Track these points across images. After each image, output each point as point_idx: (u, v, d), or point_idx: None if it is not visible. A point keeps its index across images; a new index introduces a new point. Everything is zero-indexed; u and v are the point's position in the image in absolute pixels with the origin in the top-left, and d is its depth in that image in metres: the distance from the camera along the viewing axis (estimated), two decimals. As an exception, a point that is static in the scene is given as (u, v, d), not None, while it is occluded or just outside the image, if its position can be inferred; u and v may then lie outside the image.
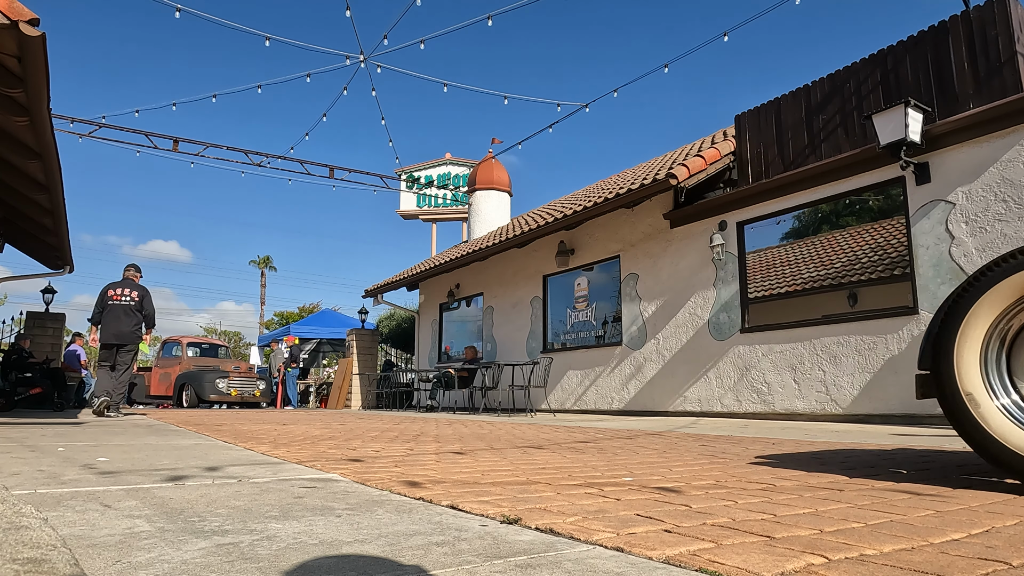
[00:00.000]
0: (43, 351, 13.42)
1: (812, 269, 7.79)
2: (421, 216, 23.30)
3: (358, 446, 3.57)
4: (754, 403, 8.06)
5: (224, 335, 52.88)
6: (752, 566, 1.09)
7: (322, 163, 17.06)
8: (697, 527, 1.41)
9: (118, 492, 1.87)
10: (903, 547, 1.25)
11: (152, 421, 6.78)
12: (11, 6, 4.02)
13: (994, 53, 6.44)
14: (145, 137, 15.29)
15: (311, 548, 1.22)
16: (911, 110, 6.50)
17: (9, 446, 3.43)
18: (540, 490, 1.95)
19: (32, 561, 1.09)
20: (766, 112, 8.54)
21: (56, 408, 10.56)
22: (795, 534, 1.35)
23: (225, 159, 16.46)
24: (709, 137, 11.00)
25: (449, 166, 23.41)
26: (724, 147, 8.97)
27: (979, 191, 6.35)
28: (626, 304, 9.96)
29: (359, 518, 1.52)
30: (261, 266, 45.80)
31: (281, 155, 16.46)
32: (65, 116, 14.33)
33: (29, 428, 5.18)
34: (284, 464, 2.67)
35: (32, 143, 5.93)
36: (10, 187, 7.33)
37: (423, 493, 1.87)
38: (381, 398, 15.51)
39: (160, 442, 3.84)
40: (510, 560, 1.14)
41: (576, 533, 1.34)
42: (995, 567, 1.11)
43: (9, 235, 10.26)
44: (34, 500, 1.71)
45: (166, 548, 1.21)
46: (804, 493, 1.95)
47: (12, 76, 4.76)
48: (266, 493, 1.89)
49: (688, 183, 8.36)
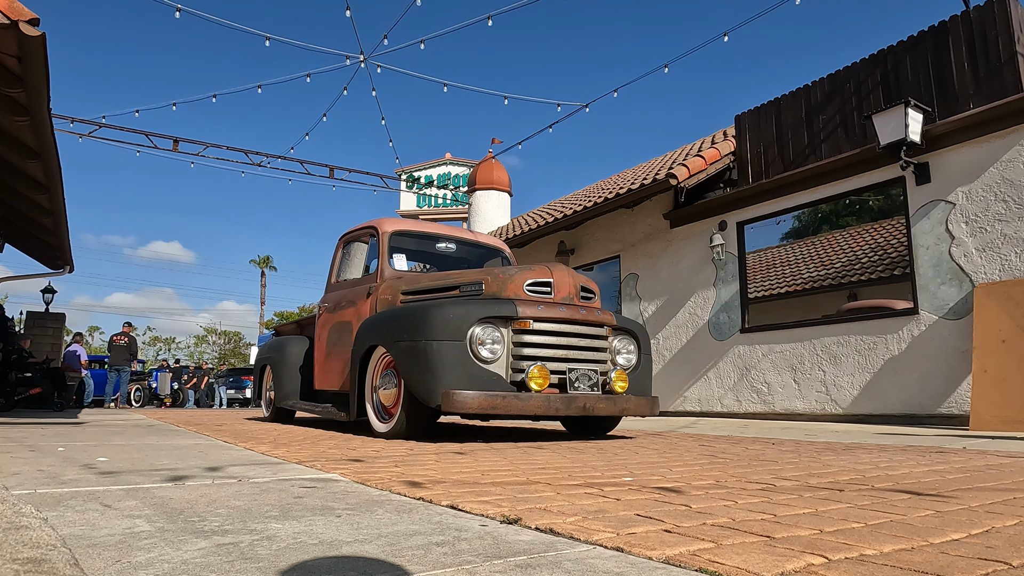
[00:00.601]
0: (43, 351, 13.43)
1: (812, 269, 7.80)
2: (421, 216, 23.31)
3: (358, 446, 3.57)
4: (754, 403, 8.06)
5: (224, 335, 52.92)
6: (752, 566, 1.09)
7: (322, 163, 17.08)
8: (697, 527, 1.41)
9: (118, 492, 1.88)
10: (903, 547, 1.25)
11: (152, 421, 6.79)
12: (11, 6, 4.02)
13: (994, 53, 6.44)
14: (145, 137, 15.30)
15: (311, 548, 1.22)
16: (911, 110, 6.50)
17: (9, 446, 3.43)
18: (540, 490, 1.95)
19: (32, 561, 1.09)
20: (766, 112, 8.54)
21: (56, 408, 10.56)
22: (795, 534, 1.35)
23: (225, 159, 16.48)
24: (709, 137, 11.00)
25: (449, 166, 23.43)
26: (724, 147, 8.98)
27: (979, 191, 6.35)
28: (626, 304, 9.96)
29: (359, 518, 1.52)
30: (261, 266, 45.83)
31: (281, 155, 16.48)
32: (65, 116, 14.34)
33: (29, 428, 5.19)
34: (284, 464, 2.67)
35: (32, 143, 5.93)
36: (10, 187, 7.33)
37: (423, 493, 1.87)
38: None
39: (160, 442, 3.84)
40: (510, 560, 1.14)
41: (576, 533, 1.34)
42: (995, 567, 1.11)
43: (9, 235, 10.26)
44: (34, 500, 1.71)
45: (166, 548, 1.21)
46: (804, 493, 1.95)
47: (12, 76, 4.76)
48: (266, 493, 1.89)
49: (688, 183, 8.36)
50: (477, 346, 3.84)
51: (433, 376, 3.77)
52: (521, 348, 3.96)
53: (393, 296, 4.72)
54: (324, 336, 5.57)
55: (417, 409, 4.03)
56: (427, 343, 3.84)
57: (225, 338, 52.83)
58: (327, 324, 5.54)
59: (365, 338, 4.47)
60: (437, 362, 3.78)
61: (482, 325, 3.87)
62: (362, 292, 5.10)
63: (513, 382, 3.89)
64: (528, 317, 3.97)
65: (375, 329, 4.41)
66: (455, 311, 3.86)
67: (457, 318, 3.84)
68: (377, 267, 5.06)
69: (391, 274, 5.00)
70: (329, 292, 5.70)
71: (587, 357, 4.16)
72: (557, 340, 4.06)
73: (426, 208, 23.04)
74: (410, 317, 4.04)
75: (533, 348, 3.98)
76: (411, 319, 4.02)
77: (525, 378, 3.81)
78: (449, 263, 5.78)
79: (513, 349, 3.96)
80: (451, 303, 3.97)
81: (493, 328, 3.89)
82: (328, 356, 5.44)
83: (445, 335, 3.81)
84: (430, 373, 3.78)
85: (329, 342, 5.45)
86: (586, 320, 4.18)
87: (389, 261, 5.07)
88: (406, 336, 3.99)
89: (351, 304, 5.19)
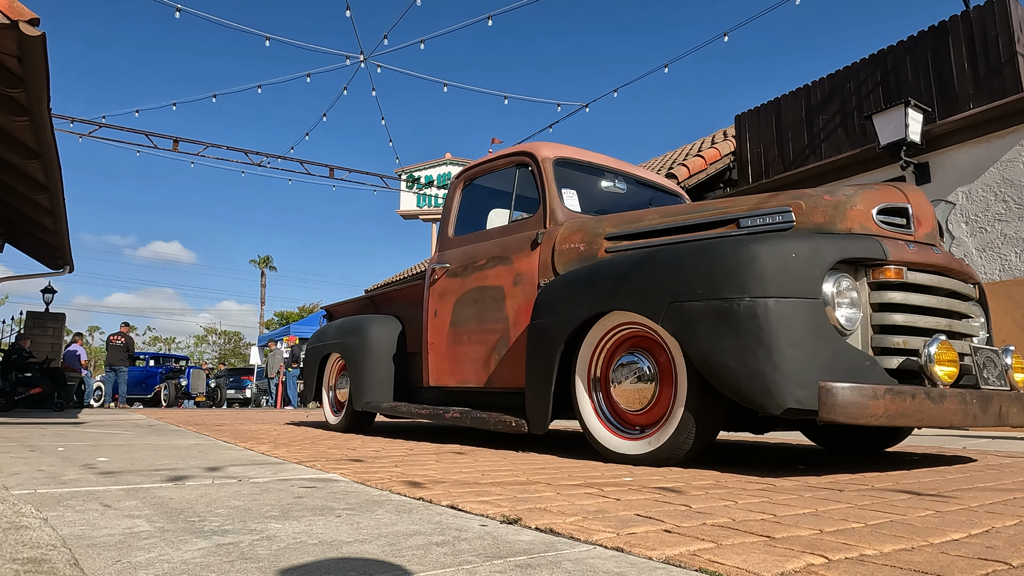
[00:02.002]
0: (43, 351, 13.42)
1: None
2: (421, 216, 23.33)
3: (358, 446, 3.57)
4: (754, 403, 8.03)
5: (224, 335, 52.95)
6: (752, 566, 1.09)
7: (322, 163, 17.06)
8: (697, 527, 1.41)
9: (118, 492, 1.88)
10: (903, 547, 1.25)
11: (152, 421, 6.79)
12: (11, 6, 4.02)
13: (994, 53, 6.44)
14: (145, 137, 15.29)
15: (311, 548, 1.22)
16: (911, 110, 6.50)
17: (9, 446, 3.43)
18: (540, 490, 1.95)
19: (32, 561, 1.09)
20: (766, 112, 8.54)
21: (56, 408, 10.56)
22: (795, 534, 1.35)
23: (225, 159, 16.45)
24: (709, 137, 11.01)
25: (449, 166, 23.43)
26: (724, 147, 8.98)
27: (979, 191, 6.35)
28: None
29: (359, 518, 1.51)
30: (261, 266, 45.82)
31: (281, 155, 16.46)
32: (65, 116, 14.33)
33: (29, 428, 5.19)
34: (284, 464, 2.67)
35: (32, 143, 5.93)
36: (10, 187, 7.33)
37: (423, 493, 1.87)
38: (381, 398, 15.48)
39: (160, 442, 3.84)
40: (510, 560, 1.14)
41: (576, 533, 1.34)
42: (995, 567, 1.11)
43: (9, 235, 10.26)
44: (34, 500, 1.71)
45: (166, 548, 1.21)
46: (804, 493, 1.95)
47: (12, 76, 4.76)
48: (266, 493, 1.89)
49: (688, 183, 8.37)
50: (835, 308, 2.42)
51: (774, 359, 2.28)
52: (885, 313, 2.53)
53: (587, 243, 3.29)
54: (445, 309, 4.02)
55: (713, 415, 2.59)
56: (753, 304, 2.35)
57: (225, 338, 52.85)
58: (450, 293, 4.01)
59: (575, 303, 2.97)
60: (779, 334, 2.31)
61: (835, 276, 2.45)
62: (518, 244, 3.64)
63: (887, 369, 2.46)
64: (899, 262, 2.55)
65: (600, 286, 2.88)
66: (800, 247, 2.41)
67: (806, 261, 2.39)
68: (543, 207, 3.61)
69: (567, 215, 3.54)
70: (448, 250, 4.17)
71: (965, 330, 2.76)
72: (934, 302, 2.63)
73: (426, 208, 23.04)
74: (706, 259, 2.51)
75: (904, 314, 2.54)
76: (712, 262, 2.48)
77: (925, 363, 2.39)
78: (611, 210, 4.00)
79: (873, 315, 2.53)
80: (782, 239, 2.46)
81: (849, 280, 2.48)
82: (456, 337, 3.91)
83: (786, 288, 2.36)
84: (767, 354, 2.29)
85: (457, 318, 3.92)
86: (961, 272, 2.81)
87: (560, 198, 3.62)
88: (703, 292, 2.47)
89: (500, 261, 3.71)
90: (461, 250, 4.05)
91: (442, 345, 4.02)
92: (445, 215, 4.33)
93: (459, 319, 3.92)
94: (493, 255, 3.80)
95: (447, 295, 4.04)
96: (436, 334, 4.07)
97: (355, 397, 4.65)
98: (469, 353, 3.82)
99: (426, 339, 4.15)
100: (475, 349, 3.78)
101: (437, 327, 4.07)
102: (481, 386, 3.75)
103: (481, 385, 3.74)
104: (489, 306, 3.73)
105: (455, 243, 4.14)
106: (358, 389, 4.64)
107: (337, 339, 5.07)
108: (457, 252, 4.07)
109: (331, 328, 5.32)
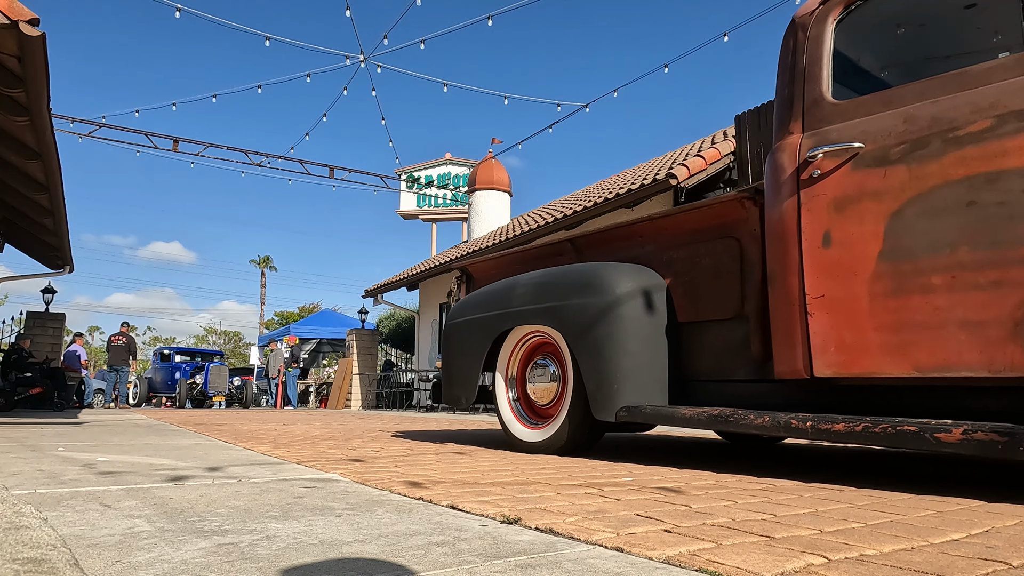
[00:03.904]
0: (43, 351, 13.41)
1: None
2: (421, 216, 23.31)
3: (358, 446, 3.57)
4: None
5: (224, 335, 52.96)
6: (752, 566, 1.09)
7: (322, 163, 17.05)
8: (697, 527, 1.41)
9: (118, 492, 1.88)
10: (903, 547, 1.25)
11: (152, 421, 6.79)
12: (11, 6, 4.02)
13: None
14: (145, 137, 15.28)
15: (311, 548, 1.22)
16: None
17: (9, 446, 3.43)
18: (540, 490, 1.95)
19: (32, 561, 1.09)
20: (766, 112, 8.53)
21: (56, 408, 10.56)
22: (795, 534, 1.35)
23: (225, 159, 16.44)
24: (709, 137, 11.01)
25: (449, 166, 23.42)
26: (724, 147, 8.98)
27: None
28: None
29: (359, 518, 1.52)
30: (261, 266, 45.81)
31: (281, 155, 16.46)
32: (65, 116, 14.32)
33: (29, 428, 5.19)
34: (284, 464, 2.67)
35: (32, 143, 5.93)
36: (10, 187, 7.34)
37: (423, 493, 1.87)
38: (381, 398, 15.52)
39: (160, 442, 3.84)
40: (510, 560, 1.14)
41: (576, 533, 1.34)
42: (995, 567, 1.11)
43: (9, 235, 10.27)
44: (34, 500, 1.71)
45: (166, 548, 1.21)
46: (804, 493, 1.95)
47: (12, 76, 4.77)
48: (266, 493, 1.89)
49: (688, 183, 8.37)
50: None
51: None
52: None
53: None
54: (863, 229, 2.22)
55: None
56: None
57: (225, 338, 52.84)
58: (876, 197, 2.20)
59: None
60: None
61: None
62: None
63: None
64: None
65: None
66: None
67: None
68: None
69: None
70: (838, 123, 2.36)
71: None
72: None
73: (426, 208, 23.03)
74: None
75: None
76: None
77: None
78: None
79: None
80: None
81: None
82: (904, 281, 2.12)
83: None
84: None
85: (909, 243, 2.11)
86: None
87: None
88: None
89: None
90: (894, 114, 2.22)
91: (860, 297, 2.22)
92: (814, 64, 2.48)
93: (914, 245, 2.11)
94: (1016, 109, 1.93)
95: (863, 202, 2.23)
96: (836, 277, 2.28)
97: (597, 398, 2.85)
98: (942, 311, 2.04)
99: (800, 288, 2.35)
100: (964, 302, 2.00)
101: (837, 263, 2.28)
102: (969, 374, 2.00)
103: (970, 372, 1.99)
104: (1006, 213, 1.93)
105: (857, 107, 2.34)
106: (603, 385, 2.84)
107: (540, 302, 3.21)
108: (881, 119, 2.25)
109: (516, 288, 3.43)
